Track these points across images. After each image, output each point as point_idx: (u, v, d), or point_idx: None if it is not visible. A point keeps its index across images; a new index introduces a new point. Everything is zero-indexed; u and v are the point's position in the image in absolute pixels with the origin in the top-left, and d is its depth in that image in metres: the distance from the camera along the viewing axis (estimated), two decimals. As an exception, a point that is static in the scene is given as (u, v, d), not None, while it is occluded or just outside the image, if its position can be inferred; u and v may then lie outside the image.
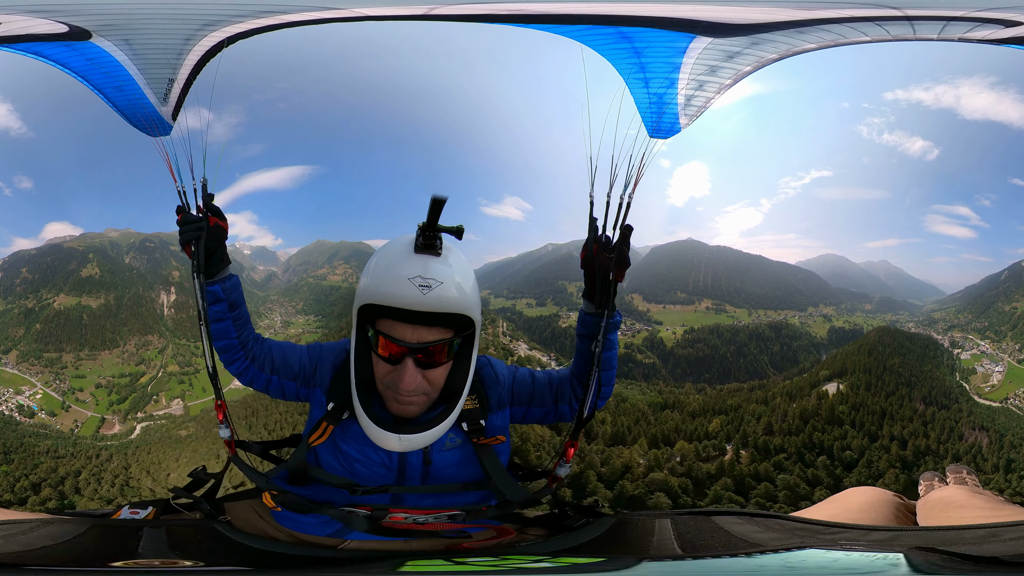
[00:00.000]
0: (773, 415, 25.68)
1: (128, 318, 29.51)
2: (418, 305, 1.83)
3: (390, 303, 1.85)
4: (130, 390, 27.81)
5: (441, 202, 1.78)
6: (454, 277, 1.88)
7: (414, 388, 1.90)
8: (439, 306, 1.85)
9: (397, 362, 1.90)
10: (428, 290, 1.82)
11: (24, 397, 26.36)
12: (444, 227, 1.86)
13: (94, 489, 22.39)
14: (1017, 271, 29.58)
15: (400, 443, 1.91)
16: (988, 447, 23.12)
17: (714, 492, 21.89)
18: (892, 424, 24.17)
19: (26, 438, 24.59)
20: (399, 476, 2.08)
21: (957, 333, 28.62)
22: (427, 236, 1.86)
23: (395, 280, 1.84)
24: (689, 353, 29.46)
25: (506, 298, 31.27)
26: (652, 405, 26.21)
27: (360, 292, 1.93)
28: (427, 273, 1.84)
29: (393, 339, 1.88)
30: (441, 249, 1.89)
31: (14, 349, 27.37)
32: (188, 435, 26.03)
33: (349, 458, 2.07)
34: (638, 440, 23.97)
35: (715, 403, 26.76)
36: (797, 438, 24.33)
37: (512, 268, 34.96)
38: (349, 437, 2.07)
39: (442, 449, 2.07)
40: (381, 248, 1.97)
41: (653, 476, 22.09)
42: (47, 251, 30.11)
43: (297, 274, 34.01)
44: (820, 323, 31.22)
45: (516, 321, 29.57)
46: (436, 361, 1.92)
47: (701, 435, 24.73)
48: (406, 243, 1.90)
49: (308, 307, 32.03)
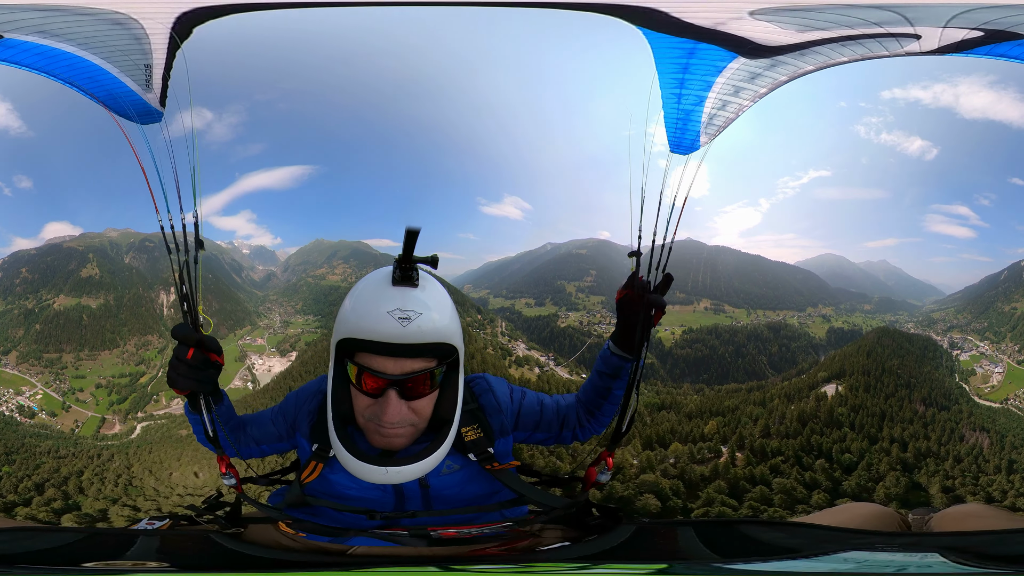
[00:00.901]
0: (770, 417, 25.45)
1: (128, 318, 29.56)
2: (398, 338, 1.83)
3: (370, 337, 1.85)
4: (130, 390, 27.85)
5: (415, 233, 1.81)
6: (432, 307, 1.88)
7: (398, 420, 1.89)
8: (419, 337, 1.85)
9: (379, 395, 1.89)
10: (408, 322, 1.82)
11: (24, 398, 26.41)
12: (420, 258, 1.87)
13: (98, 489, 22.38)
14: (1017, 271, 29.51)
15: (387, 476, 1.89)
16: (989, 448, 22.91)
17: (706, 495, 21.71)
18: (892, 426, 24.00)
19: (27, 438, 24.63)
20: (397, 500, 2.09)
21: (956, 334, 28.52)
22: (404, 268, 1.87)
23: (373, 314, 1.85)
24: (688, 353, 29.39)
25: (505, 298, 31.23)
26: (649, 406, 25.95)
27: (338, 327, 1.94)
28: (406, 305, 1.84)
29: (375, 372, 1.87)
30: (418, 280, 1.90)
31: (14, 350, 27.42)
32: (189, 434, 25.96)
33: (341, 487, 2.09)
34: (632, 441, 23.83)
35: (712, 404, 26.57)
36: (795, 441, 24.09)
37: (511, 268, 34.92)
38: (338, 468, 2.07)
39: (439, 474, 2.07)
40: (358, 283, 2.01)
41: (644, 478, 21.91)
42: (47, 251, 30.15)
43: (296, 274, 33.99)
44: (819, 323, 31.16)
45: (515, 321, 29.54)
46: (420, 392, 1.91)
47: (697, 437, 24.62)
48: (383, 276, 1.92)
49: (307, 307, 32.02)
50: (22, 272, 29.54)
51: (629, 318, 2.17)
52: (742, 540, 1.82)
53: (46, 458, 23.67)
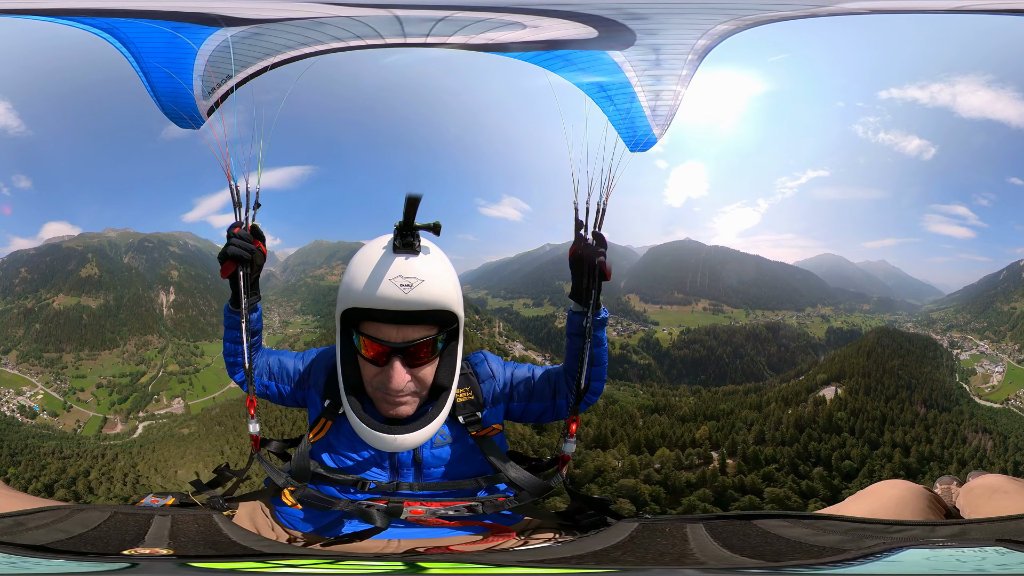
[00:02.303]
0: (766, 423, 25.03)
1: (127, 318, 29.60)
2: (400, 304, 1.84)
3: (372, 305, 1.86)
4: (131, 390, 27.90)
5: (416, 200, 1.80)
6: (434, 274, 1.88)
7: (403, 387, 1.91)
8: (421, 304, 1.85)
9: (384, 363, 1.91)
10: (409, 289, 1.83)
11: (25, 398, 26.45)
12: (421, 225, 1.86)
13: (107, 488, 22.46)
14: (1016, 271, 29.48)
15: (394, 443, 1.92)
16: (993, 451, 22.74)
17: (688, 502, 21.37)
18: (893, 430, 23.68)
19: (30, 439, 24.67)
20: (392, 473, 2.10)
21: (956, 333, 28.49)
22: (404, 235, 1.87)
23: (375, 281, 1.85)
24: (685, 354, 29.30)
25: (503, 298, 31.24)
26: (642, 408, 25.78)
27: (341, 296, 1.94)
28: (407, 272, 1.84)
29: (378, 340, 1.89)
30: (419, 247, 1.89)
31: (14, 349, 27.46)
32: (190, 433, 26.15)
33: (343, 458, 2.11)
34: (618, 444, 23.54)
35: (707, 407, 26.33)
36: (791, 448, 23.61)
37: (509, 268, 34.95)
38: (343, 436, 2.10)
39: (431, 446, 2.09)
40: (360, 251, 1.97)
41: (623, 482, 21.66)
42: (46, 251, 30.19)
43: (295, 274, 34.06)
44: (818, 323, 31.09)
45: (513, 321, 29.54)
46: (423, 359, 1.93)
47: (687, 442, 24.16)
48: (384, 243, 1.91)
49: (306, 307, 32.05)
50: (21, 272, 29.58)
51: (580, 275, 2.19)
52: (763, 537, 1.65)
53: (51, 459, 23.71)
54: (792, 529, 1.68)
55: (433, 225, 1.87)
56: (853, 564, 1.40)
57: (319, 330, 29.57)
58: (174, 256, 32.23)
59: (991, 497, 2.27)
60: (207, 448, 24.71)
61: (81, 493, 21.97)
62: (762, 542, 1.61)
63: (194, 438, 25.82)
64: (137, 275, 31.19)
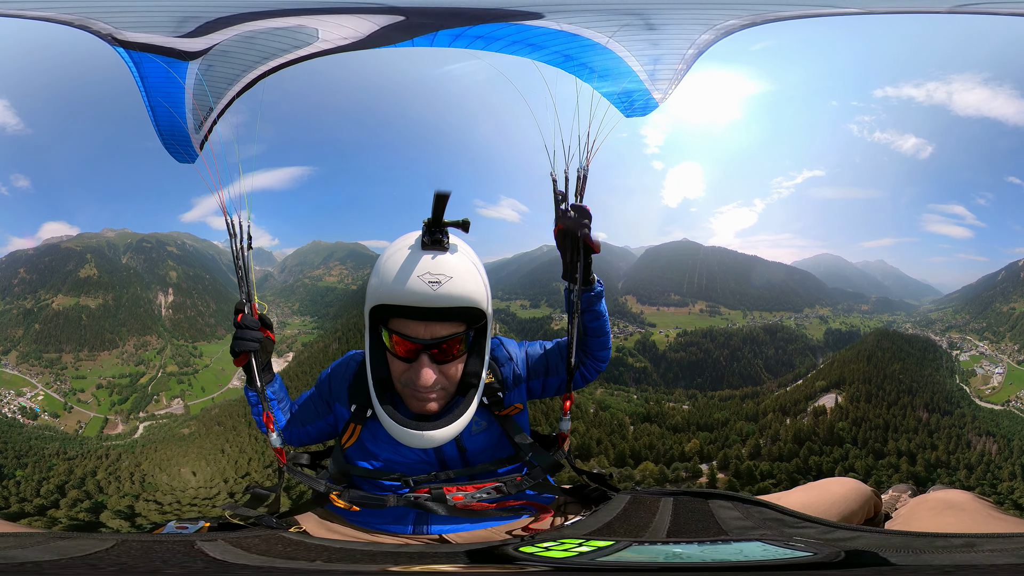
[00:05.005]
0: (763, 436, 24.40)
1: (127, 318, 29.70)
2: (429, 301, 1.85)
3: (401, 302, 1.87)
4: (131, 390, 28.02)
5: (445, 197, 1.82)
6: (462, 271, 1.89)
7: (431, 384, 1.92)
8: (449, 301, 1.87)
9: (412, 360, 1.93)
10: (438, 285, 1.84)
11: (26, 399, 26.56)
12: (450, 222, 1.87)
13: (116, 487, 22.52)
14: (1014, 271, 29.29)
15: (424, 439, 1.93)
16: (998, 454, 22.37)
17: None
18: (897, 438, 23.18)
19: (32, 440, 24.78)
20: (440, 466, 2.14)
21: (955, 334, 28.33)
22: (433, 232, 1.88)
23: (404, 278, 1.86)
24: (681, 357, 29.16)
25: (500, 299, 31.20)
26: (633, 416, 25.36)
27: (371, 293, 1.96)
28: (436, 269, 1.85)
29: (407, 336, 1.90)
30: (448, 244, 1.91)
31: (14, 350, 27.57)
32: (191, 433, 26.29)
33: (383, 458, 2.13)
34: (600, 456, 23.04)
35: (702, 415, 25.86)
36: (789, 464, 22.83)
37: (507, 269, 34.91)
38: (380, 439, 2.12)
39: (472, 434, 2.12)
40: (389, 247, 1.98)
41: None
42: (44, 251, 30.27)
43: (293, 275, 34.11)
44: (816, 324, 30.94)
45: (508, 323, 29.48)
46: (451, 356, 1.95)
47: (675, 455, 23.68)
48: (413, 240, 1.92)
49: (304, 308, 32.11)
50: (20, 272, 29.66)
51: (566, 250, 2.21)
52: (704, 517, 1.78)
53: (56, 460, 23.79)
54: (728, 511, 1.82)
55: (462, 222, 1.89)
56: (717, 544, 1.58)
57: (316, 331, 29.63)
58: (172, 256, 32.33)
59: (941, 512, 2.28)
60: (208, 447, 24.86)
61: (92, 492, 22.08)
62: (699, 520, 1.77)
63: (195, 438, 25.98)
64: (136, 275, 31.27)
